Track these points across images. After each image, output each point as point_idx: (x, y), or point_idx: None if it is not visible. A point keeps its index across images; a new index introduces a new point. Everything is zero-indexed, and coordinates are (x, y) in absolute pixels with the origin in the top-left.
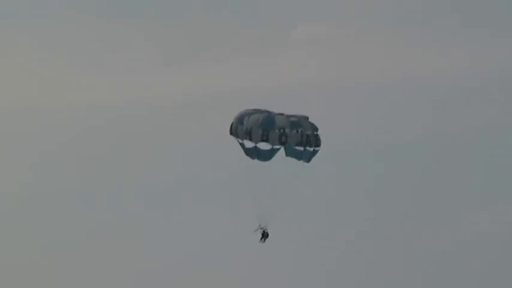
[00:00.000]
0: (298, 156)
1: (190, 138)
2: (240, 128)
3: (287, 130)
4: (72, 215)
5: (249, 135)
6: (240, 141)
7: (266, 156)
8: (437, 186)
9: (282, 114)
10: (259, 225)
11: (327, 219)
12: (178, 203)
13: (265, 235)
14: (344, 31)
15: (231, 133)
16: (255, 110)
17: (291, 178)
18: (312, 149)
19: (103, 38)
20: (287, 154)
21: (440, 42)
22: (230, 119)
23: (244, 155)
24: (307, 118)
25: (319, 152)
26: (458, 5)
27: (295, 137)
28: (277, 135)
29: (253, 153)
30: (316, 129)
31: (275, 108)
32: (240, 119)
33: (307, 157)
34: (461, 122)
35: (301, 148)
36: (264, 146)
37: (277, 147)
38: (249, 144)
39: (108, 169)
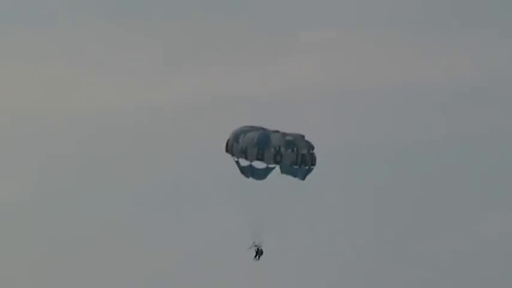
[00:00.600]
0: (294, 173)
1: (192, 143)
2: (236, 146)
3: (282, 149)
4: (74, 218)
5: (244, 154)
6: (236, 159)
7: (261, 175)
8: (444, 193)
9: (277, 131)
10: (253, 243)
11: (325, 234)
12: (178, 208)
13: (259, 252)
14: (352, 36)
15: (227, 151)
16: (250, 127)
17: (286, 195)
18: (307, 167)
19: (104, 39)
20: (282, 171)
21: (449, 48)
22: (233, 123)
23: (239, 172)
24: (303, 137)
25: (315, 169)
26: (467, 10)
27: (291, 156)
28: (272, 154)
29: (248, 172)
30: (312, 148)
31: (280, 113)
32: (235, 137)
33: (302, 175)
34: (470, 125)
35: (297, 167)
36: (259, 164)
37: (272, 166)
38: (244, 162)
39: (109, 172)
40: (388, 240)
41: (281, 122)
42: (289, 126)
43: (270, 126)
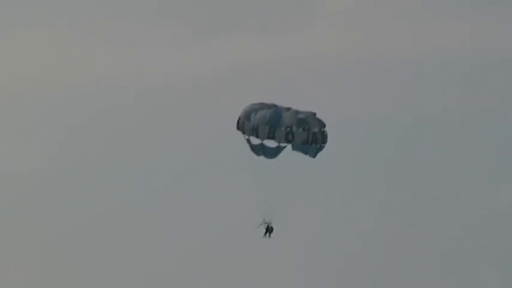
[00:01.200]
0: (305, 151)
1: (210, 113)
2: (247, 124)
3: (294, 128)
4: (91, 187)
5: (255, 132)
6: (247, 137)
7: (272, 153)
8: (458, 166)
9: (289, 109)
10: (263, 220)
11: (334, 214)
12: (188, 179)
13: (269, 230)
14: (372, 4)
15: (238, 128)
16: (262, 104)
17: (296, 173)
18: (318, 145)
19: (123, 10)
20: (294, 148)
21: (470, 17)
22: (253, 91)
23: (250, 150)
24: (314, 114)
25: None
26: None
27: (302, 135)
28: (284, 133)
29: (259, 150)
30: (323, 126)
31: (299, 81)
32: (247, 115)
33: (313, 152)
34: (487, 96)
35: (308, 145)
36: (270, 143)
37: (284, 145)
38: (255, 141)
39: (123, 144)
40: (401, 217)
41: (299, 89)
42: (307, 94)
43: (289, 93)
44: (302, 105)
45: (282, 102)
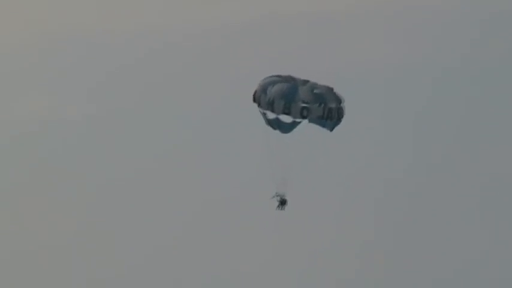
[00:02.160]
0: (321, 124)
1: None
2: (263, 98)
3: (310, 103)
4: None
5: (271, 107)
6: (262, 111)
7: (287, 128)
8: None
9: (307, 82)
10: (276, 193)
11: (350, 184)
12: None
13: (283, 202)
14: None
15: (254, 101)
16: (279, 77)
17: (313, 145)
18: (333, 121)
19: None
20: (310, 121)
21: None
22: (288, 40)
23: (265, 124)
24: (331, 90)
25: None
26: None
27: (317, 110)
28: (299, 108)
29: (275, 125)
30: (340, 101)
31: (336, 30)
32: (263, 88)
33: (330, 126)
34: None
35: (324, 120)
36: (285, 118)
37: (299, 120)
38: (271, 115)
39: (162, 95)
40: (423, 191)
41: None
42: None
43: (321, 44)
44: (335, 56)
45: (313, 57)
